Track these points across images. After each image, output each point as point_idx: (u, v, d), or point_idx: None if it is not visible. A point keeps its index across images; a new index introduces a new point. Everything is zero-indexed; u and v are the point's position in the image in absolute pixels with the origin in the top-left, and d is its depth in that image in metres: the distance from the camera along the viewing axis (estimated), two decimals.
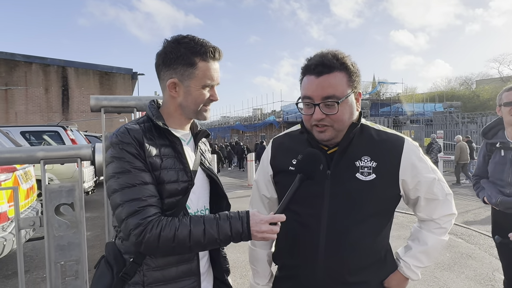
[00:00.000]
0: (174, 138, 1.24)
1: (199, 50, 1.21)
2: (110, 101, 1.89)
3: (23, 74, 17.63)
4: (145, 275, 1.19)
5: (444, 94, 39.35)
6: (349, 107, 1.26)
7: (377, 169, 1.27)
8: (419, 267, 1.36)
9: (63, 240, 1.85)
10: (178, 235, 1.10)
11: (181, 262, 1.25)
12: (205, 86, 1.24)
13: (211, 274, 1.41)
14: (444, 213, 1.35)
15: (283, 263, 1.43)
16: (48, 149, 1.80)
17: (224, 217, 1.14)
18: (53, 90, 18.00)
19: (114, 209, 1.14)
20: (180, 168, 1.23)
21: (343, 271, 1.27)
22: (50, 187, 1.81)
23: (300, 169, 1.20)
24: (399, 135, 1.35)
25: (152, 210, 1.12)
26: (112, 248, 1.25)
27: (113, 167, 1.15)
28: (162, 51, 1.24)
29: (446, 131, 18.06)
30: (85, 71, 18.38)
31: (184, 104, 1.26)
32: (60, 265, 1.84)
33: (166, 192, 1.19)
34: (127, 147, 1.15)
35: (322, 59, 1.23)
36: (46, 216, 1.81)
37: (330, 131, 1.26)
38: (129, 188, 1.12)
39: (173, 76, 1.23)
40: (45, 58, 18.15)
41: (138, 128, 1.20)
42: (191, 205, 1.28)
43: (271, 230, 1.13)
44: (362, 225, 1.27)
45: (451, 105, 29.21)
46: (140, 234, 1.08)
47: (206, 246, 1.14)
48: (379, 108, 34.31)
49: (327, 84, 1.22)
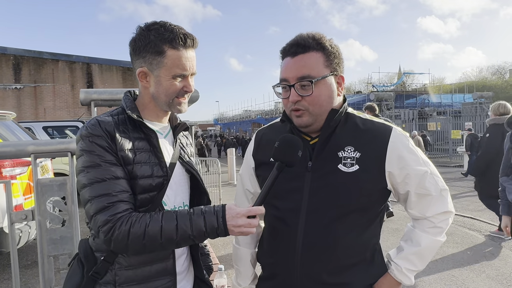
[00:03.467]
0: (149, 131, 1.19)
1: (167, 37, 1.14)
2: (100, 95, 1.87)
3: (51, 71, 18.25)
4: (116, 274, 1.15)
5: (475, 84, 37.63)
6: (327, 90, 1.19)
7: (361, 160, 1.18)
8: (412, 270, 1.25)
9: (55, 234, 1.85)
10: (149, 232, 1.04)
11: (156, 260, 1.20)
12: (175, 76, 1.17)
13: (191, 273, 1.36)
14: (439, 211, 1.23)
15: (263, 262, 1.36)
16: (38, 143, 1.81)
17: (198, 212, 1.08)
18: (79, 86, 18.53)
19: (84, 204, 1.10)
20: (155, 163, 1.18)
21: (321, 271, 1.19)
22: (42, 181, 1.82)
23: (277, 156, 1.14)
24: (387, 124, 1.25)
25: (122, 206, 1.07)
26: (84, 245, 1.21)
27: (82, 161, 1.10)
28: (133, 39, 1.19)
29: (475, 123, 17.24)
30: (109, 67, 18.85)
31: (155, 95, 1.20)
32: (52, 258, 1.85)
33: (139, 187, 1.14)
34: (97, 140, 1.10)
35: (298, 39, 1.18)
36: (38, 210, 1.82)
37: (307, 115, 1.19)
38: (98, 183, 1.07)
39: (142, 65, 1.17)
40: (71, 55, 18.73)
41: (110, 120, 1.16)
42: (167, 202, 1.23)
43: (249, 224, 1.07)
44: (343, 221, 1.18)
45: (482, 96, 27.82)
46: (109, 231, 1.04)
47: (179, 243, 1.09)
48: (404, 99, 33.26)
49: (302, 64, 1.16)
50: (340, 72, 1.23)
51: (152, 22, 1.17)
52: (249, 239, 1.43)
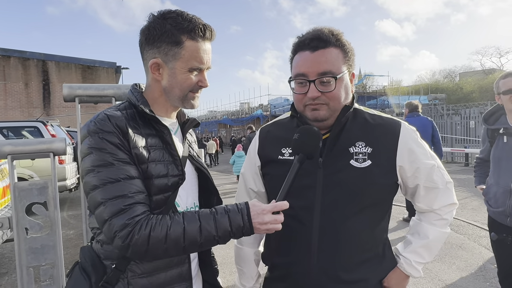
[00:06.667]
0: (162, 127, 1.10)
1: (186, 26, 1.06)
2: (85, 90, 1.72)
3: (1, 68, 17.00)
4: (129, 283, 1.05)
5: (429, 86, 39.88)
6: (345, 86, 1.19)
7: (373, 155, 1.18)
8: (421, 262, 1.27)
9: (35, 243, 1.68)
10: (171, 235, 0.96)
11: (171, 266, 1.12)
12: (192, 69, 1.09)
13: (200, 278, 1.29)
14: (445, 203, 1.26)
15: (273, 262, 1.32)
16: (16, 143, 1.63)
17: (222, 211, 1.01)
18: (33, 84, 17.42)
19: (94, 208, 0.98)
20: (170, 161, 1.10)
21: (338, 268, 1.17)
22: (20, 185, 1.65)
23: (298, 148, 1.11)
24: (395, 119, 1.26)
25: (140, 209, 0.97)
26: (89, 253, 1.10)
27: (91, 160, 0.99)
28: (145, 27, 1.10)
29: None
30: (67, 65, 17.84)
31: (168, 89, 1.11)
32: (32, 269, 1.68)
33: (155, 188, 1.05)
34: (108, 137, 1.00)
35: (318, 33, 1.16)
36: (16, 217, 1.64)
37: (325, 109, 1.17)
38: (112, 183, 0.97)
39: (156, 55, 1.09)
40: (24, 51, 17.55)
41: (120, 114, 1.05)
42: (180, 202, 1.15)
43: (275, 220, 1.01)
44: (358, 217, 1.17)
45: (436, 98, 29.56)
46: (127, 236, 0.94)
47: (202, 245, 1.00)
48: (365, 101, 34.53)
49: (324, 59, 1.14)
50: (353, 69, 1.24)
51: (167, 11, 1.09)
52: (253, 238, 1.38)
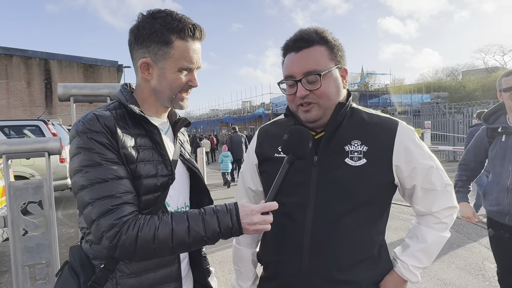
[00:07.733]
0: (151, 127, 1.11)
1: (176, 26, 1.06)
2: (80, 89, 1.73)
3: (4, 67, 17.05)
4: (118, 283, 1.06)
5: (432, 85, 39.66)
6: (334, 82, 1.18)
7: (368, 154, 1.17)
8: (418, 267, 1.24)
9: (31, 242, 1.69)
10: (159, 235, 0.96)
11: (160, 266, 1.12)
12: (182, 69, 1.09)
13: (190, 278, 1.29)
14: (444, 206, 1.24)
15: (267, 260, 1.32)
16: (11, 143, 1.64)
17: (210, 212, 1.02)
18: (36, 83, 17.47)
19: (82, 208, 0.99)
20: (159, 161, 1.10)
21: (330, 267, 1.16)
22: (15, 184, 1.65)
23: (288, 148, 1.11)
24: (393, 118, 1.26)
25: (128, 209, 0.98)
26: (78, 253, 1.11)
27: (80, 160, 1.00)
28: (135, 26, 1.10)
29: (433, 121, 18.16)
30: (69, 64, 17.87)
31: (158, 89, 1.12)
32: (28, 268, 1.69)
33: (144, 188, 1.05)
34: (96, 136, 1.00)
35: (301, 34, 1.18)
36: (11, 216, 1.65)
37: (316, 109, 1.17)
38: (99, 183, 0.98)
39: (145, 55, 1.09)
40: (26, 50, 17.60)
41: (109, 114, 1.06)
42: (170, 202, 1.15)
43: (264, 220, 1.02)
44: (352, 215, 1.16)
45: (438, 96, 29.42)
46: (115, 236, 0.94)
47: (191, 245, 1.00)
48: (368, 99, 34.44)
49: (307, 59, 1.15)
50: (344, 65, 1.23)
51: (156, 10, 1.09)
52: (250, 239, 1.39)
